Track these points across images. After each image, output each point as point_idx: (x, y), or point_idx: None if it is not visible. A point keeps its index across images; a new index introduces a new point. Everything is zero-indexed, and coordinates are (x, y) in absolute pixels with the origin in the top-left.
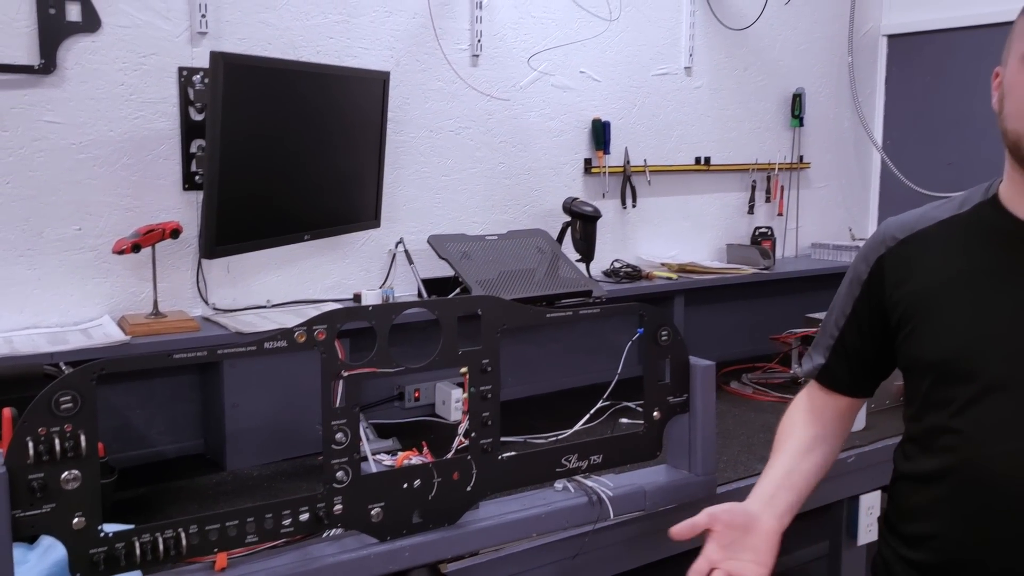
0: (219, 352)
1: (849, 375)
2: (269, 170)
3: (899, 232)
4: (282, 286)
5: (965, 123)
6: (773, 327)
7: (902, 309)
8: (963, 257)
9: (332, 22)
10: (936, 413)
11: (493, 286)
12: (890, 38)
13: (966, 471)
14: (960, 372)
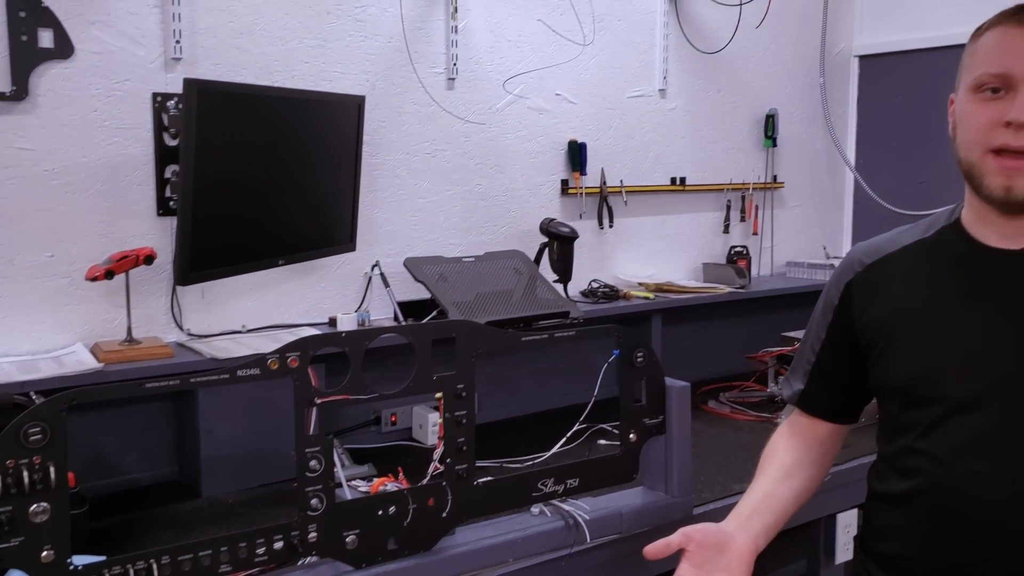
0: (192, 380)
1: (829, 400)
2: (244, 195)
3: (866, 257)
4: (257, 311)
5: (936, 142)
6: (749, 345)
7: (871, 333)
8: (928, 281)
9: (307, 47)
10: (905, 435)
11: (470, 308)
12: (861, 59)
13: (934, 492)
14: (926, 394)
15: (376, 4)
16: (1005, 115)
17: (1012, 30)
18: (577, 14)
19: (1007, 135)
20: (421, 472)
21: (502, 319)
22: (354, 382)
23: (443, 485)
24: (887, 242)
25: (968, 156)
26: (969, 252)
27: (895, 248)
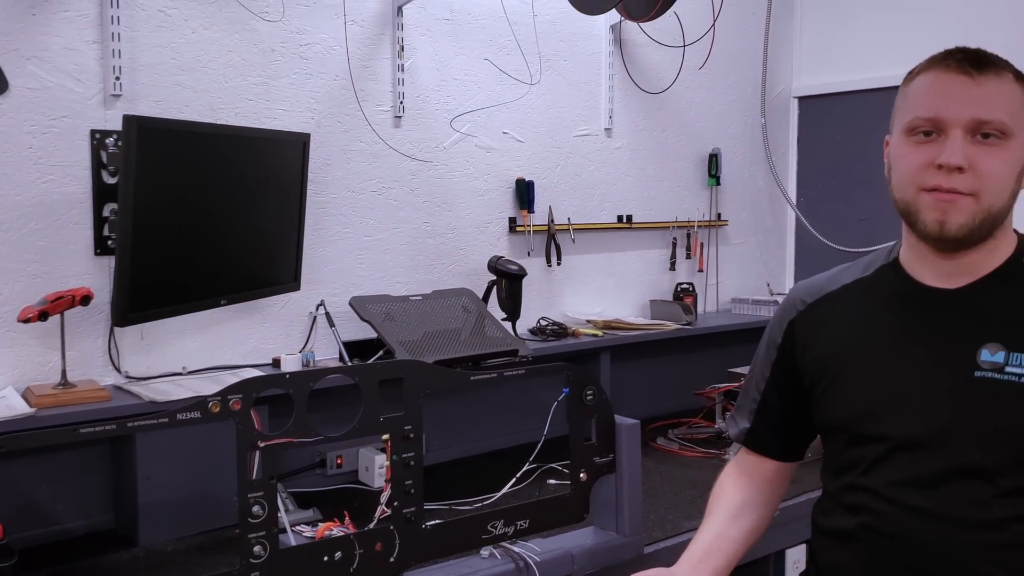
0: (129, 425)
1: (775, 438)
2: (185, 234)
3: (807, 296)
4: (199, 352)
5: (875, 180)
6: (697, 382)
7: (813, 371)
8: (867, 319)
9: (251, 84)
10: (849, 471)
11: (417, 347)
12: (801, 100)
13: (878, 529)
14: (868, 432)
15: (321, 42)
16: (937, 158)
17: (942, 75)
18: (524, 54)
19: (939, 176)
20: (368, 516)
21: (450, 358)
22: (298, 424)
23: (391, 529)
24: (827, 281)
25: (903, 196)
26: (907, 291)
27: (835, 287)
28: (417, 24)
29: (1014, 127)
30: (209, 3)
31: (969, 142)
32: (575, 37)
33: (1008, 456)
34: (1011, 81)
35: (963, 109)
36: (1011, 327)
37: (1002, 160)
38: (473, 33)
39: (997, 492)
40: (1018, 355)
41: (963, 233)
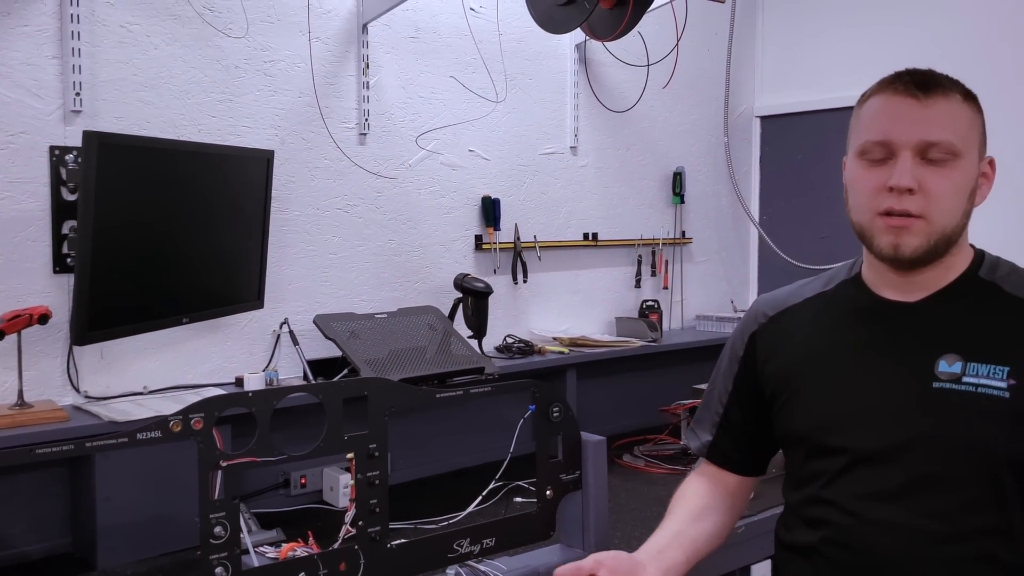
0: (87, 445)
1: (737, 451)
2: (146, 251)
3: (769, 309)
4: (160, 371)
5: (836, 198)
6: (662, 398)
7: (774, 384)
8: (828, 333)
9: (214, 101)
10: (809, 485)
11: (382, 366)
12: (763, 119)
13: (839, 542)
14: (829, 445)
15: (286, 59)
16: (888, 180)
17: (892, 98)
18: (489, 72)
19: (891, 199)
20: (332, 536)
21: (416, 376)
22: (261, 444)
23: (355, 549)
24: (789, 295)
25: (859, 219)
26: (868, 305)
27: (797, 301)
28: (382, 42)
29: (962, 147)
30: (172, 19)
31: (919, 164)
32: (540, 56)
33: (968, 467)
34: (959, 101)
35: (911, 132)
36: (968, 338)
37: (951, 181)
38: (439, 51)
39: (958, 504)
40: (975, 365)
41: (918, 255)
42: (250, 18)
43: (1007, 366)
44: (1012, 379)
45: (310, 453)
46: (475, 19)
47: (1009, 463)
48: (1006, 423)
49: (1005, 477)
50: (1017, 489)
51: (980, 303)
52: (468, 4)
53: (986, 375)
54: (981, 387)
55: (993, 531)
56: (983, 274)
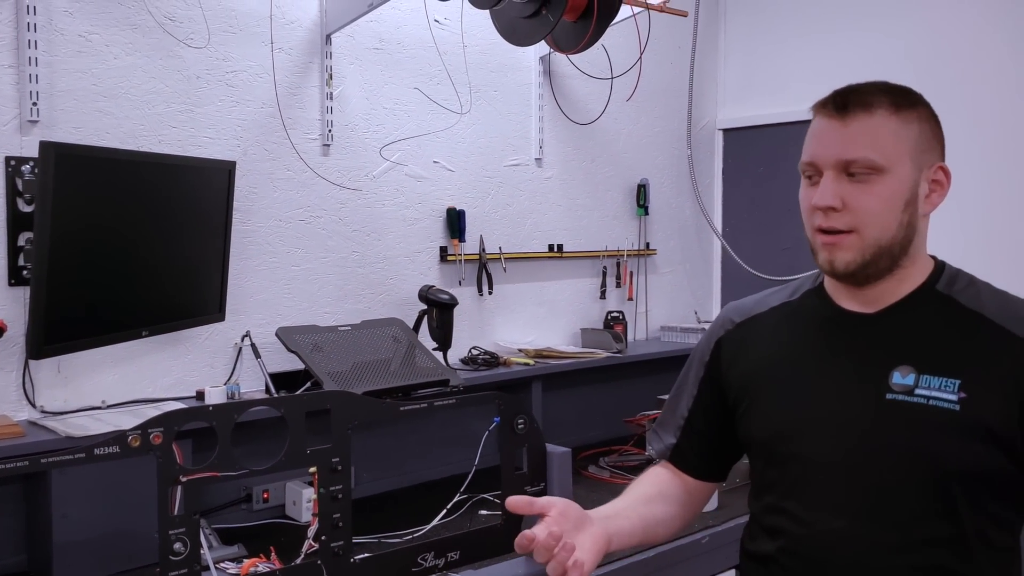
0: (43, 461)
1: (698, 456)
2: (104, 264)
3: (736, 316)
4: (119, 385)
5: (796, 210)
6: (627, 409)
7: (736, 390)
8: (791, 341)
9: (175, 111)
10: (768, 493)
11: (346, 379)
12: (725, 132)
13: (794, 552)
14: (787, 452)
15: (248, 69)
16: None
17: (820, 120)
18: (454, 84)
19: (821, 217)
20: (295, 551)
21: (380, 389)
22: (222, 458)
23: (318, 563)
24: (756, 303)
25: (807, 235)
26: (829, 315)
27: (763, 309)
28: (346, 53)
29: (885, 162)
30: (132, 29)
31: (845, 181)
32: (505, 68)
33: (917, 478)
34: (884, 116)
35: (831, 151)
36: (922, 350)
37: (875, 195)
38: (403, 63)
39: (909, 515)
40: (928, 377)
41: (852, 269)
42: (212, 28)
43: (958, 379)
44: (963, 392)
45: (272, 467)
46: (439, 31)
47: (958, 475)
48: (955, 436)
49: (954, 489)
50: (966, 501)
51: (936, 316)
52: (432, 16)
53: (938, 388)
54: (932, 399)
55: (944, 542)
56: (941, 287)
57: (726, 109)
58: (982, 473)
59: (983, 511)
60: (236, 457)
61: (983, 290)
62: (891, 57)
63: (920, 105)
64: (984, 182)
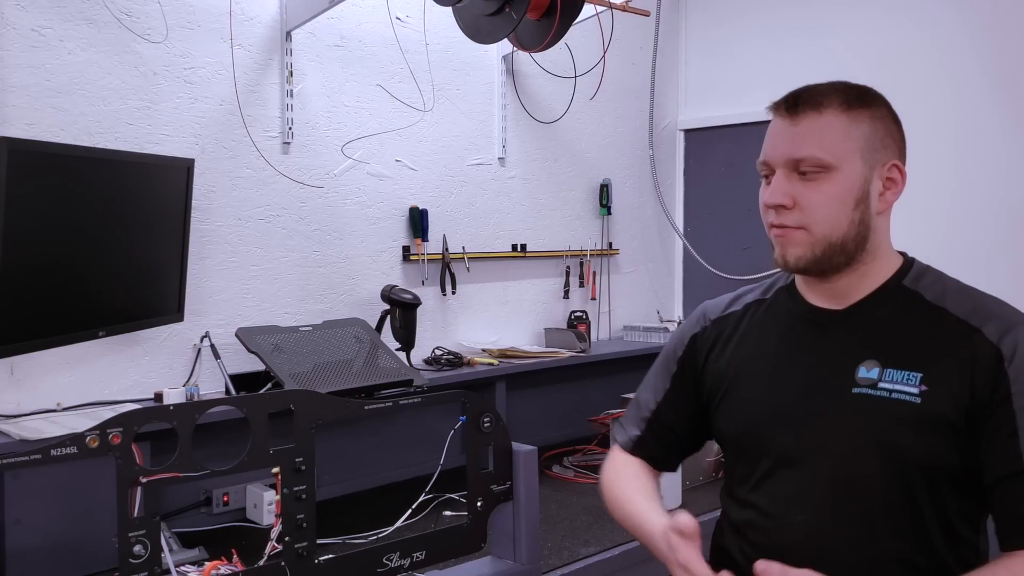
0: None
1: (661, 448)
2: (59, 262)
3: (712, 313)
4: (75, 387)
5: (757, 210)
6: (591, 409)
7: (709, 385)
8: (762, 338)
9: (132, 108)
10: (738, 488)
11: (308, 379)
12: (686, 132)
13: (760, 544)
14: (756, 447)
15: (207, 66)
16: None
17: (773, 120)
18: (417, 82)
19: (772, 214)
20: (257, 554)
21: (343, 389)
22: (183, 459)
23: (281, 565)
24: (732, 300)
25: (766, 231)
26: (799, 312)
27: (738, 307)
28: (306, 50)
29: (833, 159)
30: (87, 23)
31: (796, 180)
32: (468, 67)
33: (880, 471)
34: (834, 114)
35: (781, 150)
36: (887, 344)
37: (824, 193)
38: (364, 60)
39: (872, 508)
40: (891, 371)
41: (803, 264)
42: (170, 24)
43: (920, 372)
44: (924, 385)
45: (234, 467)
46: (401, 29)
47: (919, 468)
48: (916, 428)
49: (916, 481)
50: (928, 494)
51: (902, 311)
52: (394, 14)
53: (900, 381)
54: (895, 392)
55: (907, 535)
56: (908, 282)
57: (687, 110)
58: (943, 466)
59: (945, 504)
60: (197, 458)
61: (949, 286)
62: (850, 58)
63: (875, 104)
64: (941, 181)
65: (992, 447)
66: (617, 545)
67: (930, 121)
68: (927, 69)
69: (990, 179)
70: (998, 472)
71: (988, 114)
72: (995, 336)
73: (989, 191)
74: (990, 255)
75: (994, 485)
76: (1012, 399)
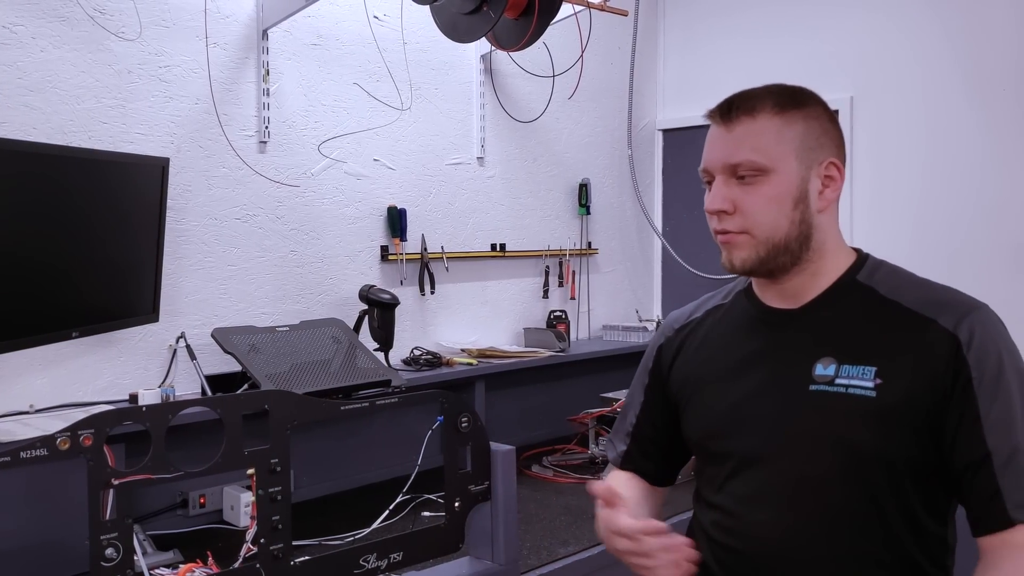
0: None
1: (647, 461)
2: (32, 262)
3: (676, 322)
4: (48, 389)
5: None
6: (570, 408)
7: (676, 393)
8: (722, 342)
9: (106, 107)
10: (705, 490)
11: (284, 380)
12: (665, 132)
13: (726, 545)
14: (719, 449)
15: (182, 64)
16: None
17: (711, 128)
18: (395, 81)
19: (715, 220)
20: (233, 555)
21: (320, 390)
22: (156, 460)
23: (257, 567)
24: (695, 308)
25: None
26: (756, 314)
27: (700, 314)
28: (283, 48)
29: (769, 161)
30: (60, 21)
31: (734, 185)
32: (446, 66)
33: (840, 467)
34: (767, 117)
35: (718, 157)
36: (843, 340)
37: (762, 195)
38: (342, 59)
39: (834, 504)
40: (847, 367)
41: (748, 266)
42: (144, 21)
43: (874, 366)
44: (879, 379)
45: (208, 469)
46: (379, 27)
47: (878, 462)
48: (872, 422)
49: (875, 476)
50: (889, 489)
51: (856, 307)
52: (372, 12)
53: (857, 376)
54: (851, 387)
55: (871, 530)
56: (861, 277)
57: (666, 110)
58: (902, 459)
59: (908, 498)
60: (171, 459)
61: (903, 279)
62: (827, 58)
63: (808, 105)
64: (911, 180)
65: (958, 434)
66: (596, 544)
67: (904, 120)
68: (903, 68)
69: (963, 179)
70: (966, 458)
71: (962, 114)
72: (951, 324)
73: (961, 191)
74: (959, 255)
75: (963, 471)
76: (973, 384)
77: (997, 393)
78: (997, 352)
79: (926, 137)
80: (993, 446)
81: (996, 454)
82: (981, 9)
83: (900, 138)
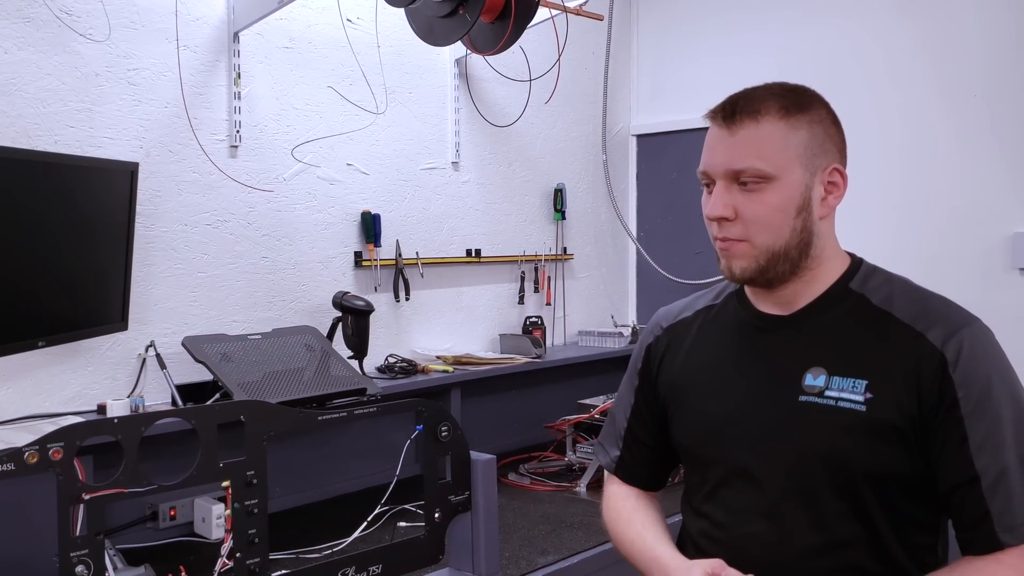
0: None
1: (641, 465)
2: None
3: (664, 321)
4: (12, 400)
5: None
6: (547, 415)
7: (664, 394)
8: (712, 345)
9: (73, 110)
10: (694, 496)
11: (257, 389)
12: (639, 137)
13: (717, 554)
14: (708, 456)
15: (151, 67)
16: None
17: (711, 130)
18: (369, 85)
19: (715, 227)
20: (206, 569)
21: (294, 399)
22: (129, 474)
23: None
24: (684, 307)
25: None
26: (748, 318)
27: (689, 313)
28: (255, 51)
29: (773, 169)
30: (24, 21)
31: (736, 191)
32: (421, 70)
33: (828, 480)
34: (772, 122)
35: (721, 161)
36: (833, 351)
37: (765, 203)
38: (315, 62)
39: (822, 516)
40: (837, 378)
41: (748, 275)
42: (112, 23)
43: (865, 379)
44: (869, 392)
45: (183, 482)
46: (353, 30)
47: (867, 476)
48: (862, 436)
49: (864, 489)
50: (877, 502)
51: (848, 316)
52: (346, 15)
53: (846, 389)
54: (841, 400)
55: (859, 543)
56: (854, 285)
57: (639, 115)
58: (891, 474)
59: (898, 511)
60: (144, 472)
61: (896, 288)
62: (800, 63)
63: (813, 107)
64: (889, 181)
65: (944, 455)
66: (576, 553)
67: (879, 126)
68: (876, 74)
69: (938, 183)
70: (953, 478)
71: (936, 118)
72: (939, 341)
73: (937, 195)
74: (936, 259)
75: (950, 493)
76: (960, 405)
77: (985, 414)
78: (986, 371)
79: (899, 143)
80: (981, 468)
81: (984, 476)
82: (952, 16)
83: (873, 145)
